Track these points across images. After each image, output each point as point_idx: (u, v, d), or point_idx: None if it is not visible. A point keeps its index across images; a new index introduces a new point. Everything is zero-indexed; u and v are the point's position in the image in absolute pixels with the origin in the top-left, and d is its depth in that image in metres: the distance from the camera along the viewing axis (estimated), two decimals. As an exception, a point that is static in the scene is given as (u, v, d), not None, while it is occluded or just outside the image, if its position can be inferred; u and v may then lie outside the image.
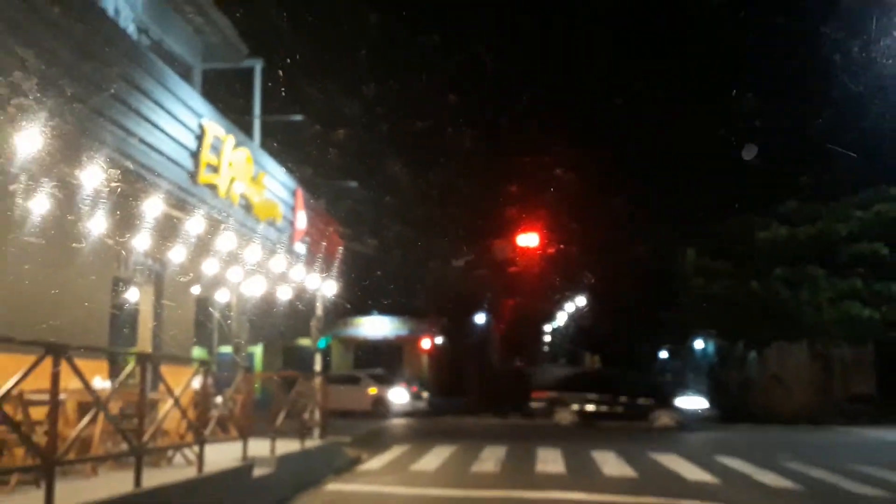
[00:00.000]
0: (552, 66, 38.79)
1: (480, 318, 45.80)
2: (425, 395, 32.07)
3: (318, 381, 14.20)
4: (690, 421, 23.97)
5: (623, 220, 38.65)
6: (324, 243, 15.17)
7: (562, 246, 36.38)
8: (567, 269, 41.77)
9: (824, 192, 29.53)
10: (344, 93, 23.48)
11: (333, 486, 11.45)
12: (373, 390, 29.77)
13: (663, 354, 55.89)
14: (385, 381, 30.68)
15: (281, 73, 17.88)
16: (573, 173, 32.90)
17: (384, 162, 27.84)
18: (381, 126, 26.47)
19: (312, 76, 21.21)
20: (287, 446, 11.58)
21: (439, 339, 42.60)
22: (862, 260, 28.71)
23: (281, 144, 17.46)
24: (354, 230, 21.86)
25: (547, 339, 63.63)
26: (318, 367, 15.09)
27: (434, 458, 14.66)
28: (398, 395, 29.91)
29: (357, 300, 27.36)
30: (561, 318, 58.61)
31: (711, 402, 26.30)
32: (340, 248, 16.06)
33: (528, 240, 32.31)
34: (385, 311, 40.17)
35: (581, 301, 53.17)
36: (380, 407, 29.10)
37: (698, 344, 46.44)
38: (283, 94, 18.47)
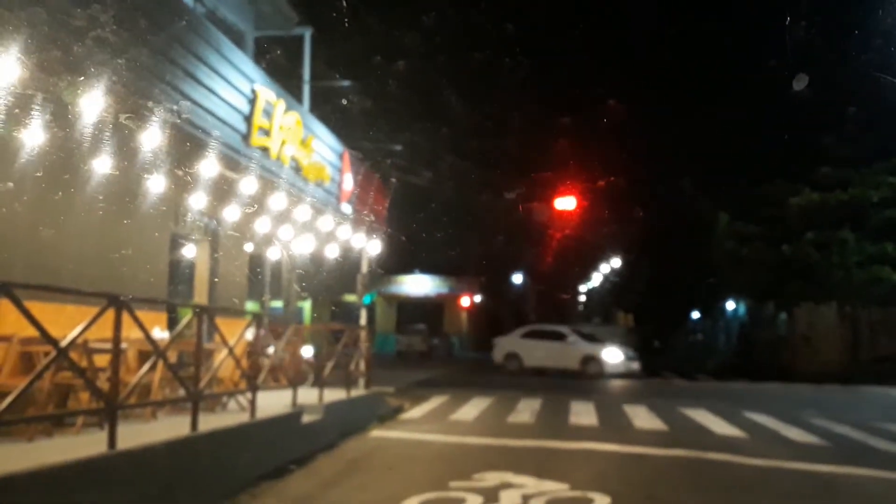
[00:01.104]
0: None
1: (518, 278, 45.81)
2: (634, 358, 27.46)
3: (363, 333, 14.27)
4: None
5: (659, 183, 38.11)
6: (370, 204, 15.15)
7: (599, 207, 35.94)
8: (603, 231, 41.38)
9: (856, 158, 28.78)
10: (394, 47, 23.13)
11: (377, 433, 11.56)
12: (581, 348, 26.77)
13: (695, 315, 55.42)
14: (592, 339, 27.78)
15: (330, 38, 17.78)
16: (613, 130, 32.42)
17: (435, 109, 27.44)
18: (432, 66, 26.05)
19: (363, 32, 21.00)
20: (334, 395, 11.69)
21: (478, 298, 42.72)
22: (892, 225, 28.04)
23: (330, 109, 17.45)
24: (409, 164, 21.84)
25: (582, 298, 63.43)
26: (363, 321, 15.18)
27: (472, 409, 14.73)
28: (612, 355, 26.51)
29: (400, 259, 27.45)
30: (596, 279, 58.31)
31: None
32: (385, 207, 15.99)
33: (566, 203, 31.89)
34: (427, 269, 40.40)
35: (616, 262, 52.82)
36: (590, 367, 26.11)
37: (730, 305, 45.95)
38: (332, 60, 18.39)
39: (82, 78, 6.62)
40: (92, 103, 6.89)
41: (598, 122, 31.94)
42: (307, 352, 18.29)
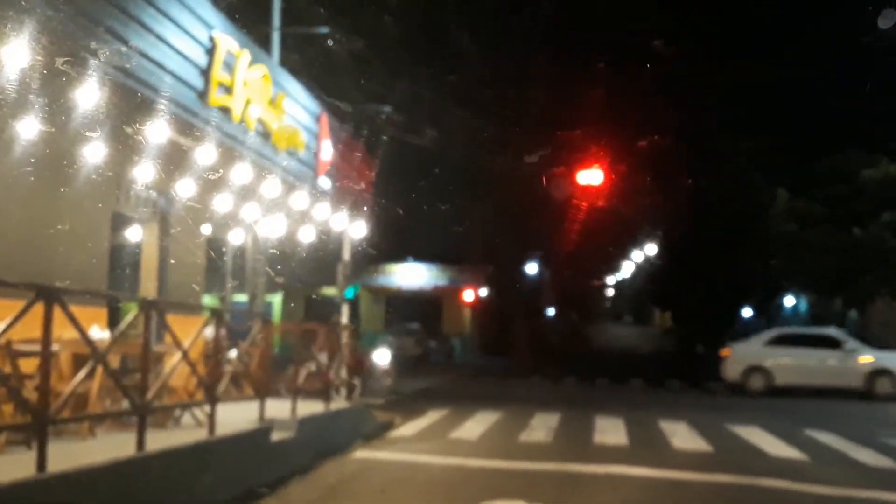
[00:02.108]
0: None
1: (532, 268, 45.64)
2: None
3: (344, 334, 14.31)
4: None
5: (705, 153, 37.86)
6: (353, 177, 15.24)
7: (631, 182, 35.64)
8: (636, 212, 41.19)
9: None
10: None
11: (362, 454, 11.60)
12: (866, 359, 23.25)
13: (747, 313, 55.48)
14: (882, 345, 24.45)
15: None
16: (652, 83, 31.99)
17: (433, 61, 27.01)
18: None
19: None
20: (309, 408, 11.70)
21: (484, 291, 42.64)
22: None
23: (306, 59, 17.36)
24: (406, 120, 21.65)
25: (610, 292, 63.39)
26: (344, 318, 15.23)
27: (476, 425, 14.77)
28: None
29: (390, 244, 27.18)
30: (627, 269, 58.22)
31: None
32: (372, 181, 16.05)
33: (591, 177, 31.05)
34: (422, 257, 40.24)
35: (651, 249, 52.80)
36: (881, 385, 22.77)
37: (788, 300, 45.98)
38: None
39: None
40: (10, 54, 6.85)
41: (636, 72, 31.44)
42: (382, 357, 18.44)
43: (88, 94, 7.82)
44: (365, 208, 15.70)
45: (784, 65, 32.49)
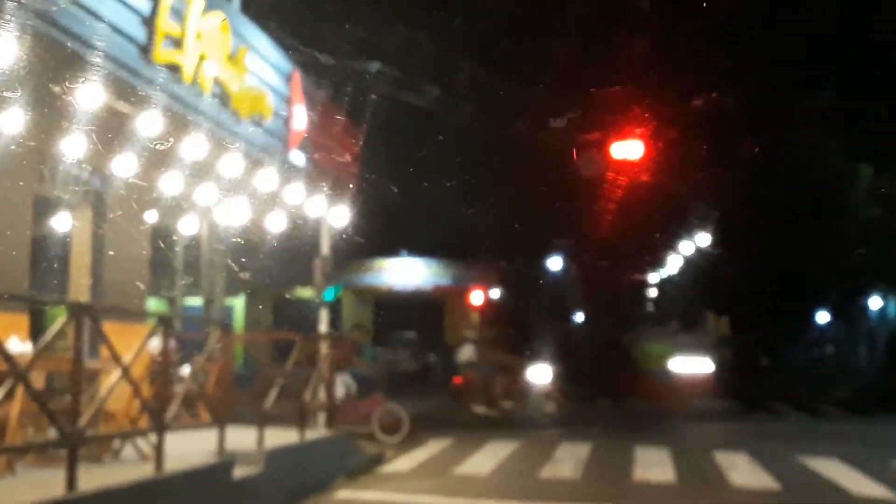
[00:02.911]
0: None
1: (556, 263, 45.43)
2: None
3: (323, 346, 14.26)
4: None
5: (770, 116, 37.63)
6: (334, 150, 15.23)
7: (679, 155, 35.33)
8: (686, 190, 40.89)
9: None
10: None
11: (345, 494, 11.62)
12: None
13: (823, 318, 55.36)
14: None
15: None
16: (704, 33, 31.60)
17: None
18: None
19: None
20: (281, 437, 11.70)
21: (496, 292, 42.47)
22: None
23: (273, 4, 17.17)
24: (406, 76, 21.41)
25: (652, 293, 63.16)
26: (323, 326, 15.15)
27: (487, 458, 14.75)
28: None
29: (381, 234, 26.89)
30: (674, 264, 58.02)
31: None
32: (357, 155, 16.04)
33: (631, 146, 30.47)
34: (420, 250, 40.03)
35: (704, 239, 52.69)
36: None
37: (874, 302, 45.86)
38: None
39: None
40: None
41: (689, 12, 31.02)
42: (542, 374, 18.29)
43: (2, 47, 7.77)
44: (349, 188, 15.61)
45: (872, 6, 32.24)
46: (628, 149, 29.64)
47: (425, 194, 28.86)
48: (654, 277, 60.45)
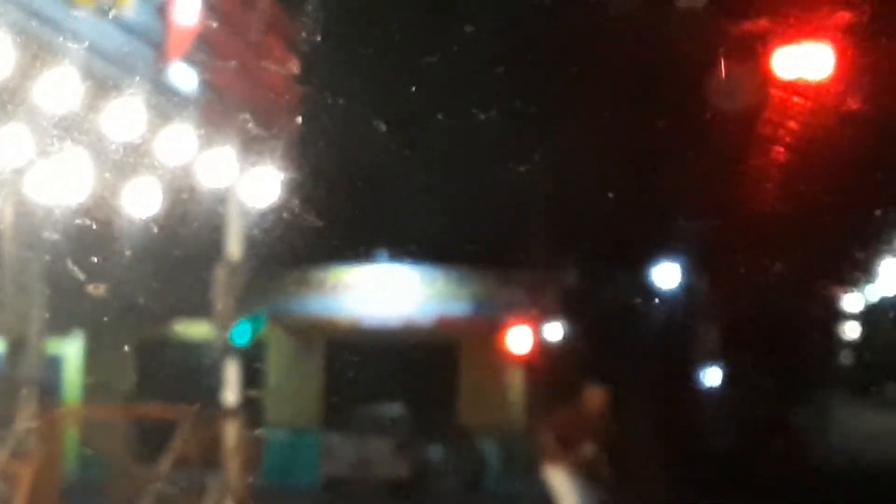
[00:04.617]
0: None
1: (669, 274, 36.42)
2: None
3: (231, 426, 12.05)
4: None
5: None
6: (250, 62, 12.12)
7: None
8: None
9: None
10: None
11: None
12: None
13: None
14: None
15: None
16: None
17: None
18: None
19: None
20: None
21: (555, 328, 32.95)
22: None
23: None
24: None
25: (851, 329, 50.39)
26: (230, 391, 12.11)
27: None
28: None
29: (341, 220, 19.02)
30: (893, 274, 46.61)
31: None
32: (297, 67, 12.54)
33: (805, 64, 21.37)
34: (411, 249, 30.84)
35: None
36: None
37: None
38: None
39: None
40: None
41: None
42: None
43: None
44: (283, 133, 11.96)
45: None
46: (807, 58, 22.57)
47: (432, 140, 21.16)
48: (854, 300, 47.67)
